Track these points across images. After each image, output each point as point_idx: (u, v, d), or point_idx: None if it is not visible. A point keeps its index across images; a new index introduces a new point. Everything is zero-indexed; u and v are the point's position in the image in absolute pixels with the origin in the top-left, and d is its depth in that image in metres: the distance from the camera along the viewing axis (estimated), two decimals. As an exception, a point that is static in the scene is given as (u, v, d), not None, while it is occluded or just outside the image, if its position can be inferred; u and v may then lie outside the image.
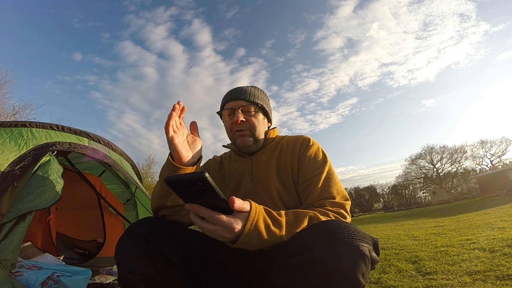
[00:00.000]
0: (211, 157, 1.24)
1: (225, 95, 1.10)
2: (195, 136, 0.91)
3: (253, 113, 1.05)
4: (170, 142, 0.82)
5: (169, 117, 0.82)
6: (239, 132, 1.03)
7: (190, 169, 0.85)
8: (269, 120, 1.14)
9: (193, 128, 0.93)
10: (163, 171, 0.89)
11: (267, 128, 1.12)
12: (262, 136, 1.07)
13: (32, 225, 2.29)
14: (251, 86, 1.11)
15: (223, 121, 1.10)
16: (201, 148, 0.91)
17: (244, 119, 1.02)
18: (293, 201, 0.97)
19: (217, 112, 1.11)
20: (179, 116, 0.87)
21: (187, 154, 0.86)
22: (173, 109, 0.83)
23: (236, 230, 0.63)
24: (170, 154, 0.86)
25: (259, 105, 1.06)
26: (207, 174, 0.54)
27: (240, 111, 1.02)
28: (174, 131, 0.84)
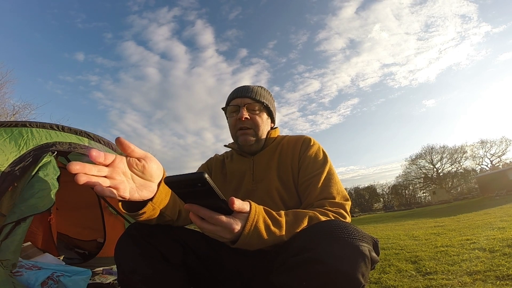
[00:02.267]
0: (212, 156, 1.24)
1: (231, 92, 1.11)
2: (137, 158, 0.64)
3: (257, 111, 1.06)
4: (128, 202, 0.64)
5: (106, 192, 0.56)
6: (242, 131, 1.04)
7: (150, 205, 0.69)
8: (273, 121, 1.15)
9: (125, 149, 0.62)
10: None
11: (270, 128, 1.13)
12: (264, 136, 1.08)
13: (32, 225, 2.29)
14: (258, 86, 1.12)
15: (227, 118, 1.11)
16: (157, 165, 0.68)
17: (248, 117, 1.03)
18: (293, 201, 0.97)
19: (222, 108, 1.12)
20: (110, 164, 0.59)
21: (149, 191, 0.67)
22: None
23: (236, 230, 0.63)
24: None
25: (264, 104, 1.07)
26: (206, 175, 0.54)
27: (245, 109, 1.03)
28: (116, 187, 0.59)
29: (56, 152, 1.73)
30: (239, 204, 0.63)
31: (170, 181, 0.56)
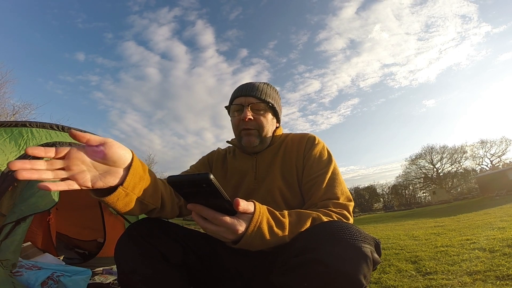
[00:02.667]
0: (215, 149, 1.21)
1: (235, 90, 1.06)
2: (96, 145, 0.60)
3: (262, 112, 1.00)
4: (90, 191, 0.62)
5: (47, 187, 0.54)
6: (246, 131, 0.99)
7: (120, 190, 0.64)
8: (278, 120, 1.10)
9: (82, 139, 0.59)
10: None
11: (275, 128, 1.08)
12: (269, 136, 1.04)
13: (32, 225, 2.28)
14: (263, 83, 1.06)
15: (230, 117, 1.06)
16: (118, 148, 0.63)
17: (252, 117, 0.98)
18: (297, 201, 0.96)
19: (225, 107, 1.08)
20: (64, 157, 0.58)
21: (115, 176, 0.63)
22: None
23: (240, 231, 0.62)
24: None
25: (270, 104, 1.02)
26: (212, 176, 0.52)
27: (249, 109, 0.98)
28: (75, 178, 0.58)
29: (56, 152, 1.73)
30: (244, 205, 0.62)
31: (173, 181, 0.56)
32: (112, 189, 0.64)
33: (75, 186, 0.58)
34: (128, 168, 0.65)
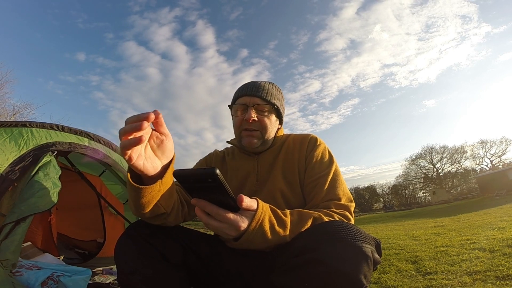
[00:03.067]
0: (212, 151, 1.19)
1: (239, 88, 1.03)
2: (162, 133, 0.67)
3: (266, 113, 0.98)
4: (130, 164, 0.62)
5: (136, 141, 0.58)
6: (248, 132, 0.97)
7: (157, 185, 0.68)
8: (281, 122, 1.08)
9: (158, 122, 0.64)
10: (128, 189, 0.71)
11: (276, 129, 1.05)
12: (271, 138, 1.02)
13: (32, 225, 2.28)
14: (269, 83, 1.04)
15: (232, 116, 1.03)
16: (171, 145, 0.70)
17: (256, 119, 0.96)
18: (298, 202, 0.96)
19: (229, 106, 1.05)
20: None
21: (153, 165, 0.67)
22: (138, 127, 0.57)
23: (242, 228, 0.62)
24: (129, 169, 0.67)
25: (275, 106, 0.99)
26: (218, 171, 0.52)
27: (253, 109, 0.96)
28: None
29: (56, 152, 1.73)
30: (248, 202, 0.62)
31: (179, 175, 0.55)
32: (142, 180, 0.69)
33: (134, 144, 0.59)
34: (166, 167, 0.70)
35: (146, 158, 0.65)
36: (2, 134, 1.60)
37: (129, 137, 0.58)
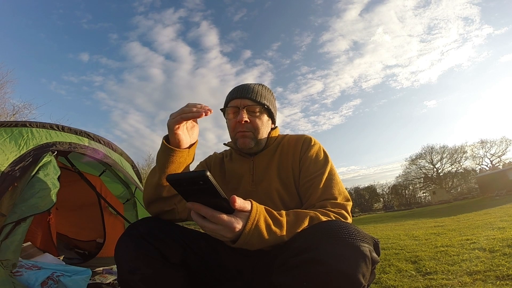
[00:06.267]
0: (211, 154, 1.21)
1: (230, 92, 1.06)
2: (194, 121, 0.88)
3: (258, 114, 1.01)
4: (173, 131, 0.80)
5: (193, 115, 0.78)
6: (242, 133, 0.99)
7: (186, 152, 0.85)
8: (273, 122, 1.10)
9: (199, 113, 0.83)
10: (159, 155, 0.86)
11: (270, 129, 1.08)
12: (264, 138, 1.04)
13: (32, 225, 2.28)
14: (258, 84, 1.06)
15: (225, 119, 1.06)
16: (198, 132, 0.90)
17: (248, 120, 0.98)
18: (294, 202, 0.97)
19: (221, 109, 1.07)
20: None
21: (186, 140, 0.84)
22: (205, 112, 0.78)
23: (237, 229, 0.62)
24: (165, 137, 0.84)
25: (265, 106, 1.02)
26: (208, 173, 0.54)
27: (244, 111, 0.98)
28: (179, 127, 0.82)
29: (56, 152, 1.73)
30: (241, 202, 0.63)
31: (172, 179, 0.56)
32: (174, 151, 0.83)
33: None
34: (192, 145, 0.88)
35: (184, 131, 0.83)
36: (2, 134, 1.60)
37: (189, 113, 0.78)
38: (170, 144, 0.83)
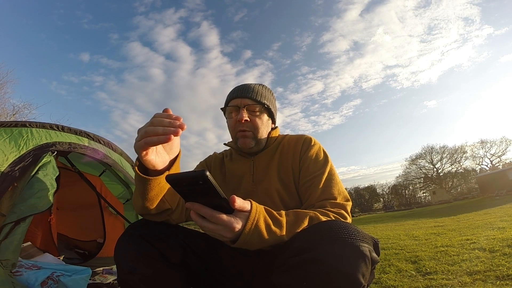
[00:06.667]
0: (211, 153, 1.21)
1: (230, 92, 1.07)
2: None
3: (258, 113, 1.01)
4: (142, 158, 0.67)
5: (159, 140, 0.63)
6: (242, 133, 1.00)
7: (162, 177, 0.73)
8: (273, 121, 1.11)
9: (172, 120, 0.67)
10: (136, 182, 0.75)
11: (270, 129, 1.08)
12: (264, 138, 1.04)
13: (32, 225, 2.28)
14: (259, 84, 1.07)
15: (226, 118, 1.07)
16: (178, 143, 0.76)
17: (248, 119, 0.99)
18: (294, 202, 0.97)
19: (221, 109, 1.08)
20: None
21: (162, 160, 0.72)
22: (174, 132, 0.63)
23: (237, 229, 0.62)
24: (138, 160, 0.70)
25: (266, 105, 1.02)
26: (208, 173, 0.54)
27: (245, 110, 0.99)
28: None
29: (56, 152, 1.73)
30: (240, 202, 0.63)
31: (171, 179, 0.56)
32: (149, 174, 0.72)
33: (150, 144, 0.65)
34: (173, 162, 0.75)
35: (156, 153, 0.70)
36: (2, 134, 1.60)
37: (154, 137, 0.63)
38: (144, 166, 0.71)
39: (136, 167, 0.71)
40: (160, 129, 0.63)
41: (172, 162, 0.75)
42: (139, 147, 0.65)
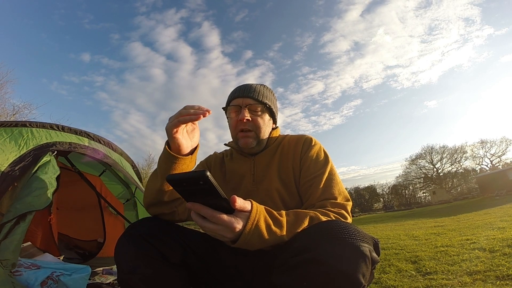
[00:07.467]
0: (211, 153, 1.21)
1: (232, 91, 1.07)
2: (194, 123, 0.85)
3: (259, 113, 1.01)
4: (172, 136, 0.77)
5: (191, 118, 0.75)
6: (243, 133, 1.00)
7: (188, 159, 0.83)
8: (275, 121, 1.11)
9: (199, 114, 0.79)
10: (160, 161, 0.84)
11: (271, 129, 1.09)
12: (265, 137, 1.04)
13: (32, 224, 2.28)
14: (260, 84, 1.07)
15: (227, 118, 1.07)
16: (199, 135, 0.87)
17: (249, 118, 0.99)
18: (295, 202, 0.97)
19: (223, 108, 1.08)
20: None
21: (186, 144, 0.81)
22: (203, 113, 0.75)
23: (237, 229, 0.62)
24: (167, 143, 0.81)
25: (267, 105, 1.03)
26: (208, 173, 0.54)
27: (246, 110, 0.99)
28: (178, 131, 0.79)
29: (56, 152, 1.73)
30: (241, 202, 0.63)
31: (172, 179, 0.56)
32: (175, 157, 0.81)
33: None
34: (193, 151, 0.86)
35: (183, 136, 0.80)
36: (2, 134, 1.60)
37: (186, 116, 0.75)
38: (171, 149, 0.81)
39: (166, 146, 0.81)
40: (191, 111, 0.76)
41: (193, 150, 0.85)
42: (172, 126, 0.76)
